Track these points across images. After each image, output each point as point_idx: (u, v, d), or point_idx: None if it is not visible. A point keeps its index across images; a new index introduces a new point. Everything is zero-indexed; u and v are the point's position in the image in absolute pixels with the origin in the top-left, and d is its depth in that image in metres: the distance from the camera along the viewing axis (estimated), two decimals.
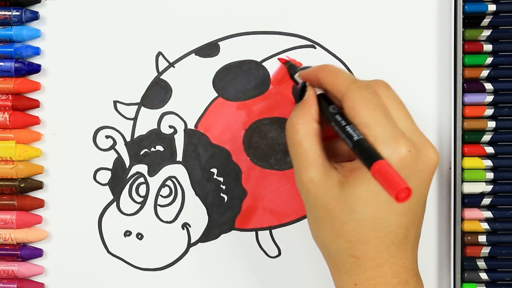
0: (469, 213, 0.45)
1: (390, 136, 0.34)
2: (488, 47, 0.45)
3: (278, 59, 0.46)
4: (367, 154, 0.33)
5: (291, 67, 0.44)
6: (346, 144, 0.35)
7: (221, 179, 0.46)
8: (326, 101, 0.38)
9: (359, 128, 0.34)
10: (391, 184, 0.30)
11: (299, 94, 0.38)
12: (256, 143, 0.46)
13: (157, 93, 0.46)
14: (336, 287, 0.38)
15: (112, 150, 0.46)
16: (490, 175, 0.45)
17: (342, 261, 0.36)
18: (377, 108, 0.35)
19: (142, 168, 0.46)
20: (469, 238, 0.45)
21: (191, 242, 0.46)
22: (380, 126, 0.34)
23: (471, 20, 0.45)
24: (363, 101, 0.35)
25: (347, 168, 0.36)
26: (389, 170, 0.31)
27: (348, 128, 0.35)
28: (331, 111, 0.37)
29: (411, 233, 0.36)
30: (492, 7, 0.45)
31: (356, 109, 0.35)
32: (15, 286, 0.45)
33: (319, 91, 0.38)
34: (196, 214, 0.46)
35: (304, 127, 0.36)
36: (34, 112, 0.46)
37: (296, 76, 0.41)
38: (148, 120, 0.46)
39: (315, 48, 0.46)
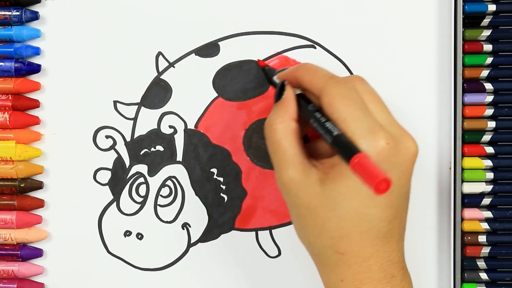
0: (469, 213, 0.45)
1: (367, 129, 0.34)
2: (488, 47, 0.45)
3: (258, 61, 0.46)
4: (346, 149, 0.33)
5: (269, 71, 0.44)
6: (325, 141, 0.35)
7: (221, 179, 0.46)
8: (304, 100, 0.38)
9: (337, 123, 0.35)
10: (369, 177, 0.30)
11: (278, 94, 0.39)
12: (256, 143, 0.46)
13: (157, 93, 0.46)
14: (324, 284, 0.38)
15: (112, 150, 0.46)
16: (490, 175, 0.45)
17: (327, 258, 0.36)
18: (354, 103, 0.35)
19: (142, 168, 0.46)
20: (469, 238, 0.45)
21: (191, 242, 0.46)
22: (357, 121, 0.34)
23: (471, 20, 0.45)
24: (340, 96, 0.35)
25: (326, 165, 0.36)
26: (367, 163, 0.31)
27: (327, 124, 0.35)
28: (310, 109, 0.37)
29: (395, 226, 0.36)
30: (492, 7, 0.45)
31: (334, 105, 0.35)
32: (15, 286, 0.45)
33: (298, 91, 0.39)
34: (196, 214, 0.46)
35: (282, 126, 0.36)
36: (34, 112, 0.46)
37: (274, 78, 0.41)
38: (148, 120, 0.46)
39: (315, 48, 0.46)
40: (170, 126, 0.46)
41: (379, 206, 0.35)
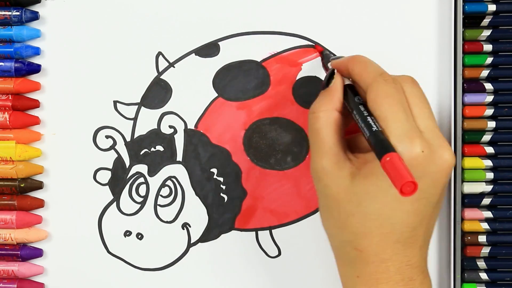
0: (469, 213, 0.45)
1: (405, 133, 0.34)
2: (488, 47, 0.45)
3: (315, 46, 0.45)
4: (381, 146, 0.33)
5: (326, 56, 0.44)
6: (363, 135, 0.35)
7: (221, 179, 0.46)
8: (352, 91, 0.38)
9: (378, 121, 0.34)
10: (397, 176, 0.30)
11: (327, 81, 0.38)
12: (256, 143, 0.46)
13: (157, 93, 0.46)
14: (340, 277, 0.38)
15: (112, 150, 0.46)
16: (490, 175, 0.45)
17: (346, 253, 0.36)
18: (398, 104, 0.35)
19: (142, 168, 0.46)
20: (469, 238, 0.45)
21: (191, 242, 0.46)
22: (397, 122, 0.34)
23: (471, 20, 0.45)
24: (386, 95, 0.35)
25: (361, 160, 0.36)
26: (398, 163, 0.31)
27: (368, 119, 0.35)
28: (355, 101, 0.37)
29: (419, 233, 0.36)
30: (492, 7, 0.45)
31: (378, 102, 0.35)
32: (15, 286, 0.45)
33: (347, 81, 0.38)
34: (196, 214, 0.46)
35: (324, 115, 0.36)
36: (34, 112, 0.46)
37: (328, 64, 0.41)
38: (148, 120, 0.46)
39: (315, 48, 0.46)
40: (170, 126, 0.46)
41: (404, 211, 0.35)
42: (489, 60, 0.45)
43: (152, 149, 0.46)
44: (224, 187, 0.46)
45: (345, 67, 0.38)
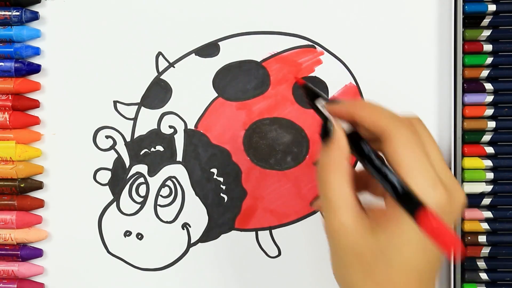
0: (469, 213, 0.45)
1: (430, 183, 0.33)
2: (488, 47, 0.45)
3: (296, 79, 0.44)
4: (408, 200, 0.33)
5: (309, 91, 0.39)
6: (383, 186, 0.34)
7: (221, 179, 0.46)
8: (356, 138, 0.36)
9: (399, 170, 0.33)
10: (443, 238, 0.30)
11: (325, 130, 0.36)
12: (256, 143, 0.46)
13: (157, 93, 0.46)
14: None
15: (112, 150, 0.46)
16: (490, 175, 0.45)
17: None
18: (419, 151, 0.34)
19: (142, 168, 0.46)
20: (469, 238, 0.45)
21: (191, 242, 0.46)
22: (422, 172, 0.33)
23: (471, 20, 0.45)
24: (406, 142, 0.34)
25: (378, 213, 0.35)
26: (435, 221, 0.31)
27: (386, 171, 0.34)
28: (365, 151, 0.35)
29: (436, 274, 0.35)
30: (492, 7, 0.45)
31: (399, 151, 0.34)
32: (15, 286, 0.45)
33: (343, 124, 0.36)
34: (196, 214, 0.46)
35: (335, 168, 0.35)
36: (34, 112, 0.46)
37: (320, 106, 0.37)
38: (148, 120, 0.46)
39: (315, 48, 0.46)
40: (170, 126, 0.46)
41: (430, 259, 0.34)
42: (489, 60, 0.45)
43: (152, 149, 0.46)
44: (224, 187, 0.46)
45: (347, 113, 0.36)
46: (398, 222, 0.33)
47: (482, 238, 0.45)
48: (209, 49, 0.46)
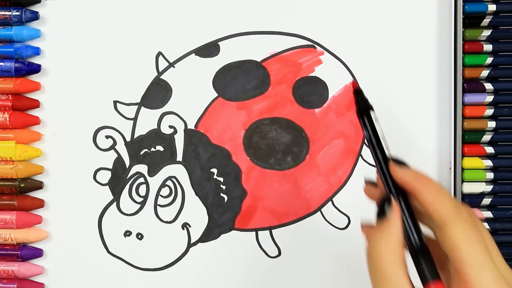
0: None
1: (494, 282, 0.32)
2: (488, 47, 0.45)
3: (352, 83, 0.39)
4: (429, 269, 0.33)
5: (363, 101, 0.36)
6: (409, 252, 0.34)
7: (221, 179, 0.46)
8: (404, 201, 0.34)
9: (460, 267, 0.32)
10: None
11: (382, 208, 0.34)
12: (256, 143, 0.46)
13: (157, 93, 0.46)
14: None
15: (112, 150, 0.46)
16: (490, 175, 0.45)
17: None
18: (482, 248, 0.33)
19: (142, 168, 0.46)
20: None
21: (191, 242, 0.46)
22: (486, 272, 0.32)
23: (471, 20, 0.45)
24: (467, 237, 0.33)
25: None
26: None
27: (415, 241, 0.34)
28: (405, 225, 0.34)
29: None
30: (492, 7, 0.45)
31: (459, 245, 0.33)
32: (15, 286, 0.45)
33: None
34: (196, 214, 0.46)
35: (389, 252, 0.34)
36: (34, 112, 0.46)
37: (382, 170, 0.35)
38: (148, 120, 0.46)
39: (315, 48, 0.46)
40: (170, 126, 0.46)
41: None
42: (489, 60, 0.45)
43: (152, 149, 0.46)
44: (224, 187, 0.46)
45: (409, 185, 0.34)
46: None
47: None
48: (209, 49, 0.46)
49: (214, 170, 0.46)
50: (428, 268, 0.34)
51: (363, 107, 0.35)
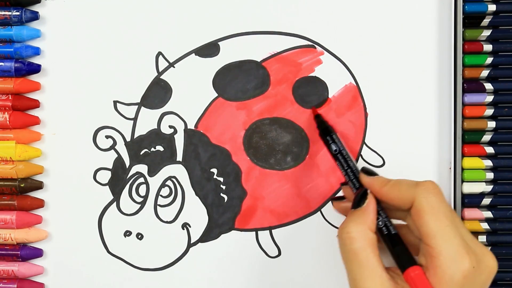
0: (469, 213, 0.45)
1: (456, 252, 0.34)
2: (488, 47, 0.45)
3: (313, 108, 0.45)
4: (404, 257, 0.35)
5: (322, 124, 0.44)
6: (385, 242, 0.36)
7: (221, 179, 0.46)
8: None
9: (426, 240, 0.34)
10: None
11: (358, 200, 0.38)
12: (256, 143, 0.46)
13: (157, 93, 0.46)
14: None
15: (112, 150, 0.46)
16: (490, 175, 0.45)
17: None
18: (445, 219, 0.35)
19: (142, 168, 0.46)
20: None
21: (191, 242, 0.46)
22: (447, 241, 0.34)
23: (471, 20, 0.45)
24: (434, 211, 0.35)
25: (403, 278, 0.36)
26: (424, 281, 0.33)
27: (392, 230, 0.37)
28: (380, 223, 0.37)
29: None
30: (492, 7, 0.45)
31: (424, 218, 0.35)
32: (15, 286, 0.45)
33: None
34: (196, 214, 0.46)
35: (360, 236, 0.36)
36: (34, 112, 0.46)
37: (360, 176, 0.40)
38: (148, 120, 0.46)
39: (315, 48, 0.46)
40: (170, 126, 0.46)
41: None
42: (489, 60, 0.45)
43: (152, 149, 0.46)
44: (224, 187, 0.46)
45: (373, 186, 0.38)
46: None
47: (482, 238, 0.45)
48: (209, 49, 0.46)
49: (214, 170, 0.46)
50: (404, 255, 0.36)
51: (325, 128, 0.43)
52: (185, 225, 0.46)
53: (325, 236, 0.46)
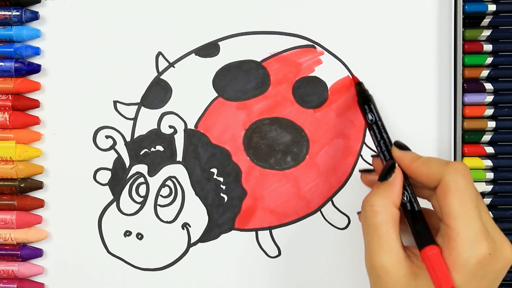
0: None
1: (474, 236, 0.33)
2: (488, 47, 0.45)
3: (353, 76, 0.45)
4: (423, 236, 0.34)
5: (362, 93, 0.43)
6: (407, 219, 0.36)
7: (221, 179, 0.46)
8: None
9: (445, 217, 0.34)
10: (438, 277, 0.32)
11: (386, 173, 0.37)
12: (256, 143, 0.46)
13: (157, 93, 0.46)
14: None
15: (112, 150, 0.46)
16: (490, 175, 0.45)
17: None
18: (469, 201, 0.34)
19: (142, 168, 0.46)
20: None
21: (191, 242, 0.46)
22: (467, 224, 0.33)
23: (471, 20, 0.45)
24: (456, 190, 0.34)
25: (421, 259, 0.36)
26: (440, 261, 0.33)
27: (415, 207, 0.36)
28: (405, 199, 0.37)
29: None
30: (492, 7, 0.45)
31: (448, 198, 0.34)
32: (15, 286, 0.45)
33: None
34: (196, 214, 0.46)
35: (384, 210, 0.35)
36: (34, 112, 0.46)
37: (391, 149, 0.39)
38: (148, 120, 0.46)
39: (315, 48, 0.46)
40: (170, 126, 0.46)
41: None
42: (489, 60, 0.45)
43: (152, 149, 0.46)
44: (224, 187, 0.46)
45: (403, 162, 0.37)
46: None
47: None
48: (209, 49, 0.46)
49: (214, 170, 0.46)
50: (425, 233, 0.35)
51: (365, 96, 0.42)
52: (185, 225, 0.46)
53: (325, 236, 0.46)
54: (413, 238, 0.36)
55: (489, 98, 0.45)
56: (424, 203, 0.38)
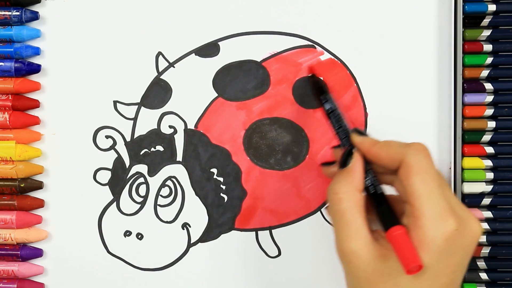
0: None
1: (439, 214, 0.33)
2: (488, 47, 0.45)
3: (309, 68, 0.45)
4: (388, 217, 0.34)
5: (316, 84, 0.43)
6: (371, 202, 0.36)
7: (221, 179, 0.46)
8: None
9: (411, 200, 0.34)
10: (405, 257, 0.32)
11: (344, 159, 0.37)
12: (256, 143, 0.46)
13: (157, 93, 0.46)
14: None
15: (112, 150, 0.46)
16: (490, 175, 0.45)
17: None
18: (432, 180, 0.34)
19: (142, 168, 0.46)
20: None
21: (191, 242, 0.46)
22: (431, 202, 0.34)
23: (471, 20, 0.45)
24: (422, 171, 0.34)
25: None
26: (406, 241, 0.33)
27: (378, 190, 0.36)
28: (367, 182, 0.37)
29: None
30: (492, 7, 0.45)
31: (411, 178, 0.34)
32: (15, 286, 0.45)
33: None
34: (196, 214, 0.46)
35: (347, 196, 0.36)
36: (34, 112, 0.46)
37: (351, 135, 0.39)
38: (148, 120, 0.46)
39: (315, 48, 0.46)
40: (170, 126, 0.46)
41: (442, 285, 0.34)
42: (489, 60, 0.45)
43: (152, 149, 0.46)
44: (224, 187, 0.46)
45: (363, 146, 0.38)
46: None
47: (482, 238, 0.45)
48: (209, 49, 0.46)
49: (214, 170, 0.46)
50: (388, 215, 0.35)
51: (320, 87, 0.42)
52: (185, 225, 0.46)
53: (325, 236, 0.46)
54: None
55: (489, 98, 0.45)
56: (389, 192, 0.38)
